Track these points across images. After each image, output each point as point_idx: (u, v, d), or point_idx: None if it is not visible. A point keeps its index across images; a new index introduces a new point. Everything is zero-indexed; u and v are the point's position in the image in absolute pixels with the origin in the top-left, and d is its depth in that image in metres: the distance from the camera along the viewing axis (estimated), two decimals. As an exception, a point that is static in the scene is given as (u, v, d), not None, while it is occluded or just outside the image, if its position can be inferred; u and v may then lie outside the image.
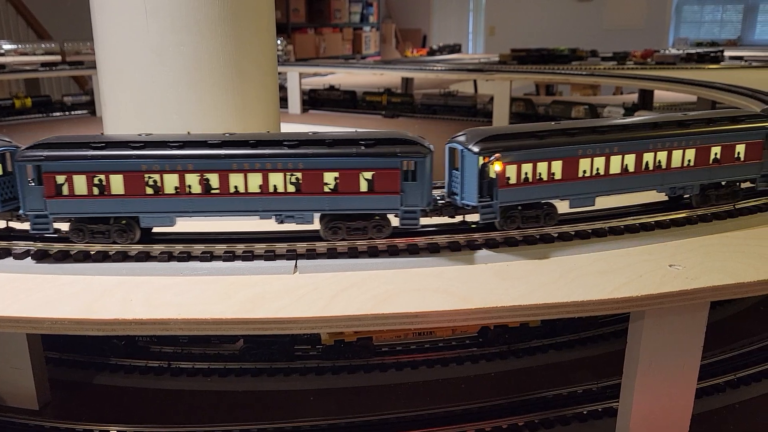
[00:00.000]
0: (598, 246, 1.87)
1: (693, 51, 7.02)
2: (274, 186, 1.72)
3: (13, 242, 1.78)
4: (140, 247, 1.75)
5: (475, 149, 1.73)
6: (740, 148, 2.03)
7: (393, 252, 1.79)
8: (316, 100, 7.50)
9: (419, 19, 16.28)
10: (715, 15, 13.79)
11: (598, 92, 9.08)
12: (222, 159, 1.69)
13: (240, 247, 1.76)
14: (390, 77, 8.07)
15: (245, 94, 2.61)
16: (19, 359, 2.20)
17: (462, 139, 1.78)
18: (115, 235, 1.74)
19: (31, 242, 1.78)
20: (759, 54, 8.22)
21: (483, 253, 1.81)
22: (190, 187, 1.70)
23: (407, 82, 7.85)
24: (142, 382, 2.45)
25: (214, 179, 1.70)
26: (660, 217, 2.00)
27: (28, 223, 1.75)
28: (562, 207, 1.94)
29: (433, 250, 1.81)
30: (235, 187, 1.71)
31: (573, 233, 1.90)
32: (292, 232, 1.84)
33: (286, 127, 3.21)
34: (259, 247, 1.76)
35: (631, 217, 1.99)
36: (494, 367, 2.55)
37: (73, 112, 7.06)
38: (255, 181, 1.71)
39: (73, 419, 2.18)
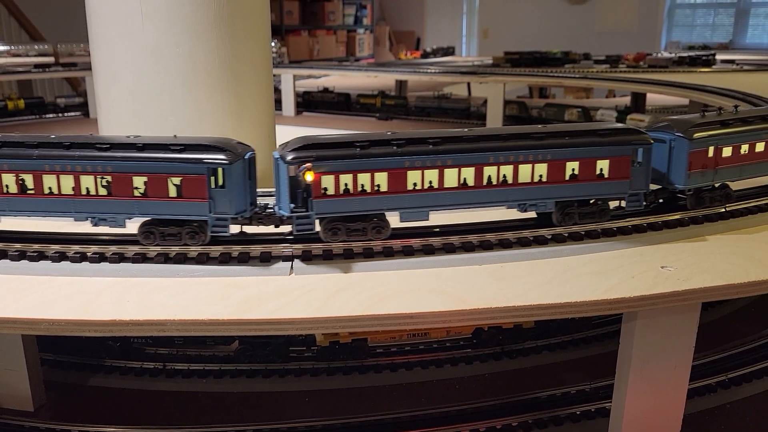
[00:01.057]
0: (591, 247, 1.89)
1: (685, 54, 7.05)
2: (87, 189, 1.72)
3: (9, 243, 1.78)
4: (136, 248, 1.75)
5: (288, 158, 1.69)
6: (603, 164, 1.87)
7: (388, 253, 1.80)
8: (310, 102, 7.50)
9: (413, 22, 16.31)
10: (707, 18, 13.87)
11: (590, 95, 9.12)
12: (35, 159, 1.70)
13: (236, 249, 1.76)
14: (384, 79, 8.07)
15: (240, 95, 2.62)
16: (14, 361, 2.20)
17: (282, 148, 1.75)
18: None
19: (27, 244, 1.78)
20: (750, 57, 8.28)
21: (478, 254, 1.83)
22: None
23: (401, 84, 7.86)
24: (138, 383, 2.45)
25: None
26: (652, 219, 2.02)
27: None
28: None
29: (428, 251, 1.82)
30: (50, 188, 1.72)
31: (566, 234, 1.92)
32: (288, 234, 1.84)
33: (281, 129, 3.21)
34: (255, 249, 1.77)
35: (624, 219, 2.01)
36: (488, 368, 2.56)
37: (66, 114, 7.03)
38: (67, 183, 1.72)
39: (69, 421, 2.19)
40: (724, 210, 2.12)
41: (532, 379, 2.48)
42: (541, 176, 1.85)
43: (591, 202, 1.95)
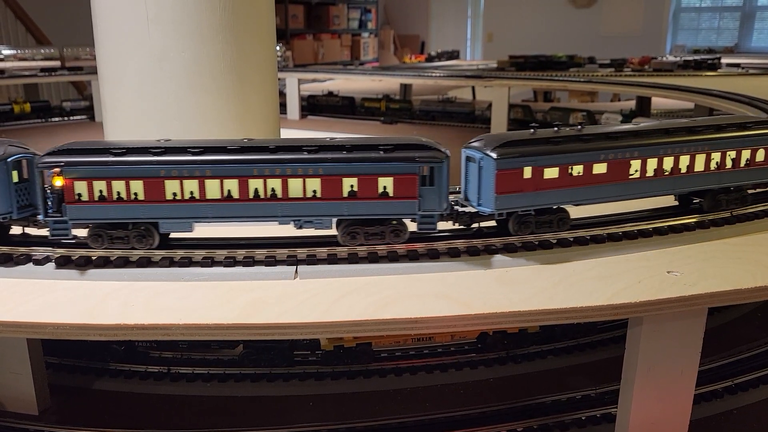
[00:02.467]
0: (597, 252, 1.88)
1: (690, 58, 7.04)
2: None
3: (14, 248, 1.78)
4: (141, 252, 1.76)
5: (41, 161, 1.69)
6: (386, 182, 1.74)
7: (393, 258, 1.80)
8: (314, 106, 7.51)
9: (417, 26, 16.33)
10: (712, 22, 13.84)
11: (595, 99, 9.11)
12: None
13: (241, 253, 1.76)
14: (388, 83, 8.08)
15: (246, 100, 2.62)
16: (19, 364, 2.20)
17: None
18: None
19: (32, 248, 1.78)
20: (756, 61, 8.25)
21: (482, 258, 1.82)
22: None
23: (406, 88, 7.86)
24: (142, 387, 2.45)
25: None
26: (658, 224, 2.02)
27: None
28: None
29: (433, 255, 1.82)
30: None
31: (572, 239, 1.91)
32: (294, 238, 1.84)
33: (286, 133, 3.22)
34: (260, 253, 1.77)
35: (630, 224, 2.00)
36: (493, 373, 2.55)
37: (72, 118, 7.06)
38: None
39: (73, 424, 2.18)
40: (730, 214, 2.11)
41: (537, 384, 2.47)
42: (315, 192, 1.74)
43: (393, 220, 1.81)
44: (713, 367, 2.50)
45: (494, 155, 1.76)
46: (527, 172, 1.81)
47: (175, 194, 1.73)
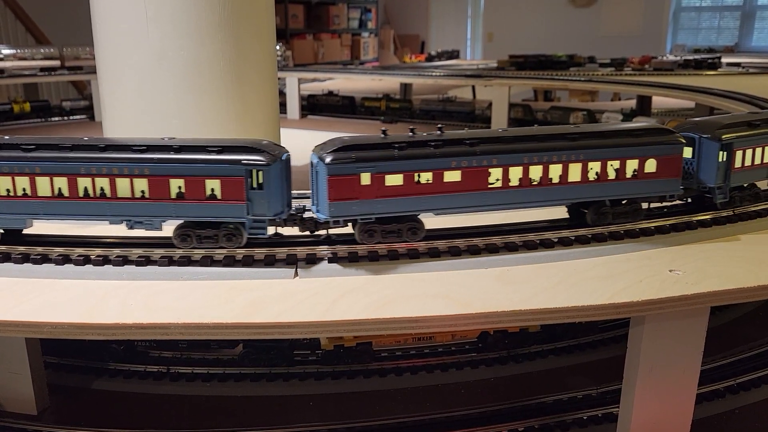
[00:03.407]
0: (598, 251, 1.88)
1: (690, 57, 7.03)
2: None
3: (13, 246, 1.77)
4: (140, 251, 1.75)
5: None
6: (214, 184, 1.69)
7: (393, 257, 1.79)
8: (314, 106, 7.50)
9: (417, 25, 16.32)
10: (712, 22, 13.83)
11: (596, 98, 9.10)
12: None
13: (240, 252, 1.75)
14: (388, 83, 8.07)
15: (245, 99, 2.62)
16: (17, 364, 2.19)
17: None
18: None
19: (31, 246, 1.77)
20: (756, 60, 8.24)
21: (483, 257, 1.81)
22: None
23: (406, 87, 7.85)
24: (141, 387, 2.45)
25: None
26: (660, 222, 2.01)
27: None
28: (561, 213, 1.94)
29: (433, 254, 1.81)
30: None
31: (573, 238, 1.90)
32: (292, 237, 1.84)
33: (286, 133, 3.21)
34: (260, 252, 1.76)
35: (631, 222, 1.99)
36: (494, 373, 2.54)
37: (71, 117, 7.05)
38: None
39: (72, 424, 2.17)
40: (732, 213, 2.10)
41: (538, 384, 2.46)
42: (143, 192, 1.71)
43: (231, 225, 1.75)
44: (715, 366, 2.49)
45: (327, 160, 1.68)
46: (365, 178, 1.71)
47: (8, 191, 1.72)
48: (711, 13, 13.86)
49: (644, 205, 2.02)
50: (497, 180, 1.81)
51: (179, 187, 1.70)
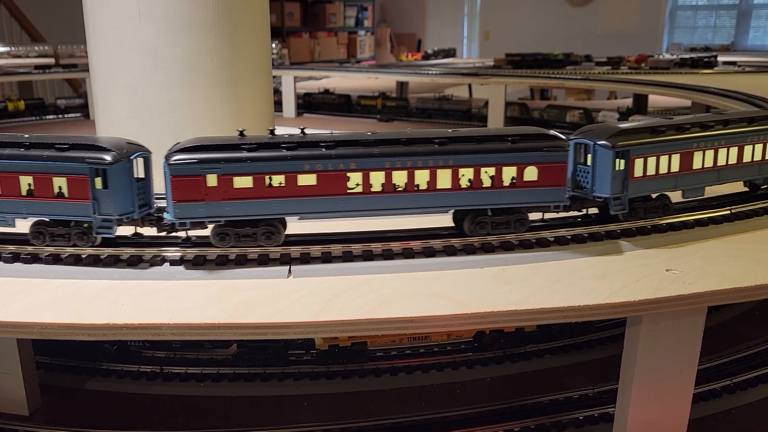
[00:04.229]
0: (595, 250, 1.86)
1: (687, 56, 7.02)
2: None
3: (3, 245, 1.75)
4: (132, 250, 1.73)
5: None
6: (61, 182, 1.67)
7: (388, 256, 1.77)
8: (310, 104, 7.48)
9: (414, 24, 16.29)
10: (708, 20, 13.84)
11: (592, 97, 9.09)
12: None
13: (233, 251, 1.73)
14: (385, 81, 8.05)
15: (239, 96, 2.60)
16: (9, 364, 2.17)
17: None
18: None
19: (21, 246, 1.75)
20: (752, 59, 8.25)
21: (479, 257, 1.80)
22: None
23: (402, 86, 7.83)
24: (134, 387, 2.43)
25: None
26: (656, 221, 1.99)
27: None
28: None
29: (429, 253, 1.79)
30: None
31: (569, 237, 1.89)
32: (291, 235, 1.82)
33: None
34: (253, 251, 1.74)
35: (628, 222, 1.98)
36: (490, 372, 2.53)
37: (66, 115, 7.01)
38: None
39: (64, 425, 2.16)
40: (729, 212, 2.09)
41: (534, 384, 2.45)
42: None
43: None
44: (712, 365, 2.49)
45: (170, 160, 1.65)
46: (211, 180, 1.67)
47: None
48: (707, 12, 13.87)
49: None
50: (357, 185, 1.74)
51: (29, 185, 1.68)
